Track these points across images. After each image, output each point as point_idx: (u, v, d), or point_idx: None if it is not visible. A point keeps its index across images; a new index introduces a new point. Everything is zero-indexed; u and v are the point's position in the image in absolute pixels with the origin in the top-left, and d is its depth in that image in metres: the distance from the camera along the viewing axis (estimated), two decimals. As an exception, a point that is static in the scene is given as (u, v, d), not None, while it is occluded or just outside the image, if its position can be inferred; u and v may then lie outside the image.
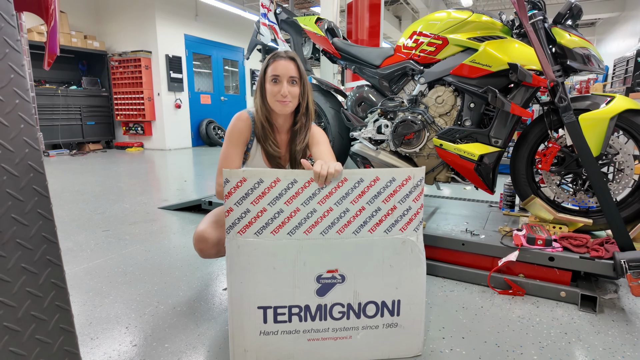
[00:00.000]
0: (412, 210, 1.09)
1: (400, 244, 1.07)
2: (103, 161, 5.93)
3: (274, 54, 1.37)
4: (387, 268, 1.07)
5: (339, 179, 1.08)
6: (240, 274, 1.07)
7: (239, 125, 1.40)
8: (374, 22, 4.13)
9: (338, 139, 2.39)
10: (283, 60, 1.34)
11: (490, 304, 1.58)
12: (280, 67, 1.33)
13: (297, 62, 1.36)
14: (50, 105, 6.66)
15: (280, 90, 1.32)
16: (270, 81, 1.34)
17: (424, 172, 1.10)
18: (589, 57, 1.69)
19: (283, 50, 1.38)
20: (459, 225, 1.98)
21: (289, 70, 1.34)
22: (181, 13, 7.88)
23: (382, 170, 1.09)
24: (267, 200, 1.07)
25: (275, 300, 1.08)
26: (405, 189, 1.09)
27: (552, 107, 1.80)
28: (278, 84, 1.33)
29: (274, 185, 1.07)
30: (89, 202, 3.27)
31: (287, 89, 1.33)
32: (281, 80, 1.33)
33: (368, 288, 1.08)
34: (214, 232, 1.34)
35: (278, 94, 1.33)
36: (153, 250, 2.16)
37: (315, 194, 1.08)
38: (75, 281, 1.78)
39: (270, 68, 1.34)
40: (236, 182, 1.06)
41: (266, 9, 4.03)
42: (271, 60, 1.35)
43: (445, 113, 1.97)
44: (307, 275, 1.07)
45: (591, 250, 1.59)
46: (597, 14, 10.28)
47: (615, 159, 1.74)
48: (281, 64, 1.33)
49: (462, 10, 1.89)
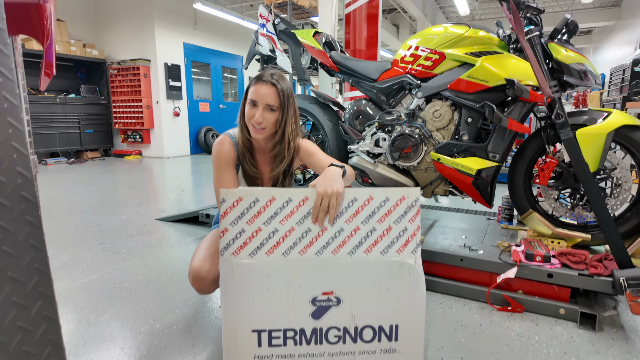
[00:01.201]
0: (408, 232, 1.08)
1: (397, 266, 1.06)
2: (101, 170, 5.91)
3: (258, 76, 1.32)
4: (384, 291, 1.06)
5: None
6: (234, 296, 1.06)
7: (224, 148, 1.37)
8: (371, 32, 4.15)
9: (336, 152, 2.39)
10: (264, 85, 1.29)
11: (489, 321, 1.57)
12: (260, 93, 1.29)
13: (278, 88, 1.30)
14: (49, 113, 6.66)
15: (254, 115, 1.30)
16: (248, 103, 1.32)
17: (419, 193, 1.09)
18: (585, 73, 1.70)
19: (270, 74, 1.32)
20: (457, 240, 1.97)
21: (267, 97, 1.29)
22: (180, 22, 7.91)
23: (375, 189, 1.08)
24: (262, 219, 1.06)
25: (270, 323, 1.06)
26: (400, 209, 1.08)
27: (549, 121, 1.80)
28: (254, 108, 1.30)
29: (269, 204, 1.06)
30: (85, 213, 3.25)
31: (261, 116, 1.29)
32: (257, 105, 1.30)
33: (364, 311, 1.06)
34: (211, 269, 1.27)
35: (252, 118, 1.30)
36: (149, 265, 2.14)
37: (310, 213, 1.07)
38: (71, 297, 1.76)
39: (251, 89, 1.32)
40: (232, 202, 1.06)
41: (264, 19, 4.05)
42: (253, 82, 1.32)
43: (443, 127, 1.97)
44: (302, 298, 1.06)
45: (590, 267, 1.58)
46: (593, 23, 10.37)
47: (612, 174, 1.73)
48: (261, 89, 1.29)
49: (459, 25, 1.90)
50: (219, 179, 1.38)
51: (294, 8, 4.54)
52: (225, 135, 1.41)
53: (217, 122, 9.13)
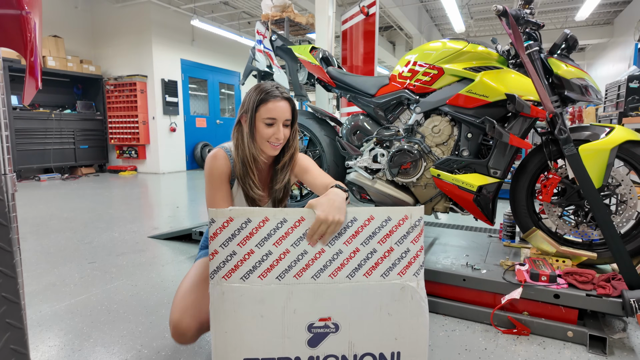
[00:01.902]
0: (410, 253, 1.02)
1: (398, 290, 1.00)
2: (95, 185, 5.83)
3: (267, 92, 1.24)
4: (385, 316, 0.99)
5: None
6: (224, 322, 0.99)
7: (219, 164, 1.29)
8: (368, 49, 4.16)
9: (333, 167, 2.34)
10: (280, 101, 1.25)
11: (494, 345, 1.50)
12: (278, 110, 1.24)
13: (291, 102, 1.29)
14: (43, 129, 6.60)
15: (276, 133, 1.25)
16: (263, 122, 1.25)
17: (422, 212, 1.04)
18: (586, 88, 1.67)
19: (275, 87, 1.26)
20: (459, 259, 1.91)
21: (285, 113, 1.26)
22: (178, 38, 7.97)
23: (376, 208, 1.03)
24: (255, 241, 1.00)
25: (263, 351, 0.99)
26: (403, 230, 1.02)
27: (550, 137, 1.76)
28: (273, 127, 1.25)
29: (262, 225, 1.00)
30: (76, 230, 3.16)
31: (282, 133, 1.26)
32: (277, 123, 1.25)
33: (364, 338, 1.00)
34: (191, 323, 1.14)
35: (272, 137, 1.26)
36: (140, 285, 2.06)
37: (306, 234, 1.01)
38: (55, 321, 1.68)
39: (264, 108, 1.24)
40: (222, 222, 1.00)
41: (262, 35, 4.06)
42: (265, 99, 1.24)
43: (442, 143, 1.93)
44: (298, 324, 0.99)
45: (597, 287, 1.52)
46: (586, 40, 10.54)
47: (617, 190, 1.69)
48: (279, 106, 1.24)
49: (458, 40, 1.88)
50: (213, 196, 1.30)
51: (290, 25, 4.56)
52: (219, 148, 1.32)
53: (214, 138, 9.10)
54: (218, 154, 1.30)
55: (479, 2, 8.88)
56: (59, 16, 7.24)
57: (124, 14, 7.55)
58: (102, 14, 7.76)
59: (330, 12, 4.62)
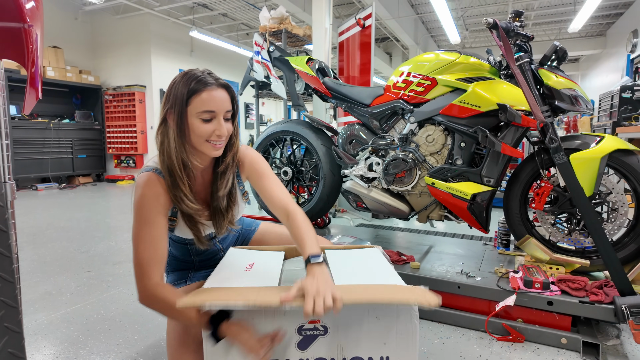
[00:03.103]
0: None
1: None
2: (92, 195, 5.83)
3: (198, 79, 0.99)
4: (373, 320, 1.00)
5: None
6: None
7: (151, 193, 1.01)
8: (365, 60, 4.22)
9: (329, 176, 2.36)
10: (216, 89, 1.00)
11: (489, 352, 1.51)
12: (216, 101, 0.99)
13: (230, 91, 1.05)
14: (41, 138, 6.62)
15: (217, 129, 1.01)
16: (198, 117, 1.00)
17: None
18: (576, 98, 1.71)
19: (207, 73, 1.02)
20: (453, 266, 1.93)
21: (225, 103, 1.02)
22: (177, 49, 8.05)
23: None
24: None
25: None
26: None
27: (542, 146, 1.79)
28: (212, 122, 1.01)
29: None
30: (73, 239, 3.16)
31: (224, 128, 1.02)
32: (217, 116, 1.01)
33: (353, 342, 1.00)
34: None
35: (213, 134, 1.01)
36: (136, 294, 2.05)
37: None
38: (51, 330, 1.68)
39: (197, 100, 0.98)
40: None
41: (259, 47, 4.11)
42: (198, 88, 0.99)
43: (436, 152, 1.96)
44: (288, 326, 1.00)
45: (590, 294, 1.54)
46: (580, 51, 10.70)
47: (608, 198, 1.72)
48: (216, 95, 0.99)
49: (450, 52, 1.92)
50: (144, 235, 0.99)
51: (288, 36, 4.63)
52: (148, 172, 1.03)
53: (212, 147, 9.12)
54: (148, 179, 1.01)
55: (474, 14, 9.02)
56: (59, 27, 7.32)
57: (124, 26, 7.64)
58: (101, 25, 7.85)
59: (327, 24, 4.69)
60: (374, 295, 0.90)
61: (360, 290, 0.95)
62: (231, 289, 0.97)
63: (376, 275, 1.09)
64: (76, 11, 7.55)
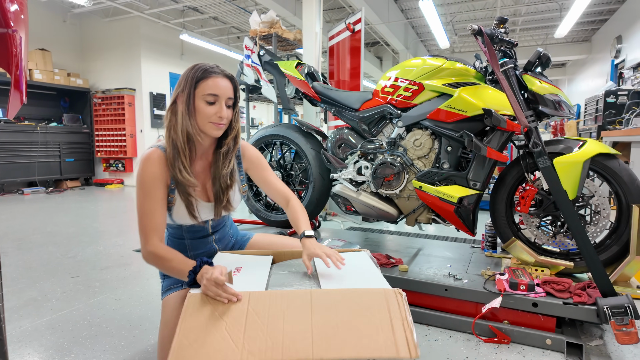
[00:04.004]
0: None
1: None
2: (80, 199, 5.76)
3: (205, 69, 1.15)
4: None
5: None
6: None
7: (152, 169, 1.14)
8: (355, 64, 4.25)
9: (319, 180, 2.37)
10: (221, 78, 1.16)
11: (475, 354, 1.52)
12: (220, 87, 1.15)
13: (234, 82, 1.20)
14: (28, 142, 6.53)
15: (219, 112, 1.15)
16: (203, 100, 1.14)
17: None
18: (559, 103, 1.74)
19: (215, 65, 1.19)
20: (441, 269, 1.95)
21: (227, 91, 1.17)
22: (167, 52, 8.01)
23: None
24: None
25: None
26: None
27: (527, 150, 1.82)
28: (215, 105, 1.15)
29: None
30: (60, 244, 3.12)
31: (225, 112, 1.17)
32: (219, 100, 1.16)
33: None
34: None
35: (214, 116, 1.15)
36: (123, 299, 2.04)
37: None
38: (35, 336, 1.65)
39: (204, 84, 1.14)
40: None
41: (250, 50, 4.12)
42: (205, 75, 1.14)
43: (424, 156, 1.98)
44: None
45: (574, 295, 1.57)
46: (566, 56, 10.90)
47: (591, 201, 1.75)
48: (220, 82, 1.15)
49: (437, 57, 1.95)
50: (144, 205, 1.13)
51: (278, 40, 4.64)
52: (154, 148, 1.17)
53: (203, 151, 9.08)
54: (151, 155, 1.15)
55: (462, 19, 9.14)
56: (47, 30, 7.24)
57: (113, 29, 7.59)
58: (91, 28, 7.78)
59: (317, 28, 4.72)
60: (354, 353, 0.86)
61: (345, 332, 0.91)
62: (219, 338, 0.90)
63: (362, 280, 1.09)
64: (64, 14, 7.48)
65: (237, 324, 0.92)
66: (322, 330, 0.90)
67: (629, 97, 4.95)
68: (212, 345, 0.88)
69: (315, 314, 0.94)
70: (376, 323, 0.91)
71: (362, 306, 0.96)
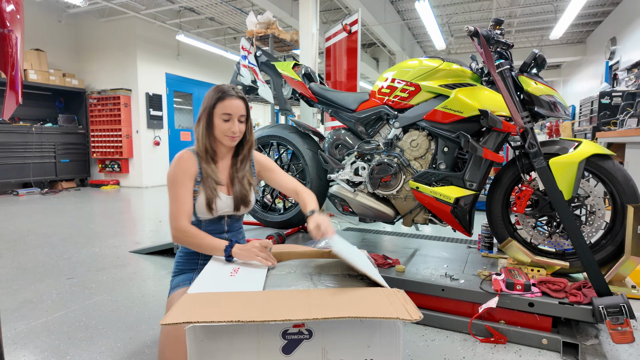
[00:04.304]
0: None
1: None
2: (75, 200, 5.73)
3: (222, 91, 1.39)
4: (357, 323, 1.01)
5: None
6: (200, 332, 0.99)
7: (183, 164, 1.39)
8: (351, 65, 4.26)
9: (316, 180, 2.37)
10: (234, 99, 1.39)
11: (472, 354, 1.53)
12: (233, 107, 1.39)
13: (245, 101, 1.44)
14: (23, 142, 6.48)
15: (232, 128, 1.40)
16: (220, 118, 1.39)
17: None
18: (555, 104, 1.76)
19: (231, 88, 1.41)
20: (438, 269, 1.95)
21: (240, 109, 1.40)
22: (163, 53, 7.98)
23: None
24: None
25: (238, 358, 0.99)
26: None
27: (523, 150, 1.83)
28: (229, 122, 1.39)
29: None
30: (55, 246, 3.10)
31: (237, 127, 1.40)
32: (232, 119, 1.39)
33: (337, 345, 1.01)
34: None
35: (229, 131, 1.40)
36: (120, 300, 2.03)
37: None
38: (31, 338, 1.64)
39: (220, 106, 1.39)
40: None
41: (246, 51, 4.11)
42: (221, 97, 1.39)
43: (420, 156, 1.99)
44: (273, 331, 1.00)
45: (569, 295, 1.58)
46: (561, 58, 10.96)
47: (586, 201, 1.76)
48: (234, 103, 1.39)
49: (433, 58, 1.96)
50: (175, 194, 1.36)
51: (275, 41, 4.64)
52: (186, 149, 1.44)
53: (199, 152, 9.06)
54: (183, 155, 1.42)
55: (459, 20, 9.18)
56: (42, 30, 7.20)
57: (109, 29, 7.56)
58: (86, 28, 7.74)
59: (314, 29, 4.73)
60: (357, 307, 0.91)
61: (344, 299, 0.96)
62: (216, 304, 0.95)
63: (360, 280, 1.10)
64: (60, 14, 7.44)
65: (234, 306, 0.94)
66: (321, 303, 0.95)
67: (623, 98, 4.99)
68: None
69: (314, 307, 0.95)
70: (375, 301, 0.96)
71: (362, 298, 0.97)
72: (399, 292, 1.00)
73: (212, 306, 0.94)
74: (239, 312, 0.91)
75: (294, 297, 0.99)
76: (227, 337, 1.00)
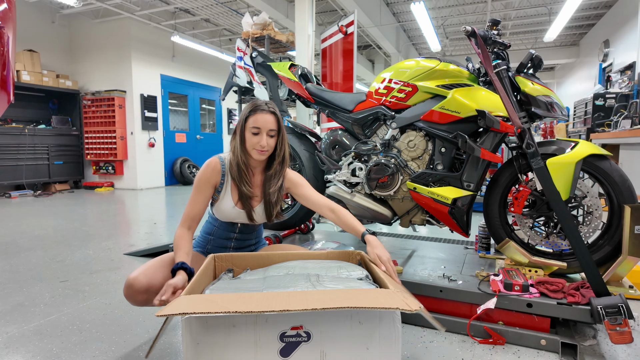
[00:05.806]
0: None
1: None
2: (69, 202, 5.67)
3: (256, 106, 1.44)
4: (355, 325, 1.00)
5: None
6: (197, 334, 0.98)
7: (207, 172, 1.48)
8: (347, 66, 4.26)
9: (313, 181, 2.36)
10: (264, 114, 1.43)
11: (471, 355, 1.52)
12: (262, 121, 1.42)
13: (277, 115, 1.46)
14: (16, 144, 6.42)
15: (260, 142, 1.43)
16: (250, 131, 1.43)
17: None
18: (552, 105, 1.76)
19: (265, 103, 1.44)
20: (436, 270, 1.94)
21: (269, 124, 1.43)
22: (158, 54, 7.95)
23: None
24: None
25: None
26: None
27: (520, 151, 1.83)
28: (258, 136, 1.43)
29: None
30: (48, 248, 3.06)
31: (265, 141, 1.43)
32: (261, 132, 1.43)
33: (336, 348, 1.00)
34: (144, 280, 1.33)
35: (257, 144, 1.43)
36: (114, 303, 2.00)
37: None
38: (22, 343, 1.61)
39: (251, 119, 1.43)
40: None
41: (242, 52, 4.10)
42: (253, 112, 1.43)
43: (418, 157, 1.98)
44: (270, 333, 0.99)
45: (568, 295, 1.57)
46: (555, 60, 11.05)
47: (583, 202, 1.76)
48: (263, 117, 1.42)
49: (430, 59, 1.95)
50: (192, 197, 1.48)
51: (271, 42, 4.63)
52: (215, 157, 1.51)
53: (194, 153, 9.02)
54: (212, 161, 1.50)
55: (453, 22, 9.23)
56: (36, 31, 7.14)
57: (103, 30, 7.51)
58: (80, 29, 7.69)
59: (310, 30, 4.72)
60: (356, 302, 0.90)
61: (343, 296, 0.94)
62: (212, 301, 0.94)
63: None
64: (53, 14, 7.39)
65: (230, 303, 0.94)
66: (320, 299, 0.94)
67: (616, 100, 5.03)
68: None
69: (312, 302, 0.94)
70: (374, 297, 0.95)
71: (361, 295, 0.97)
72: (399, 287, 0.99)
73: (208, 302, 0.93)
74: (235, 306, 0.90)
75: (293, 295, 0.98)
76: (223, 333, 0.98)
